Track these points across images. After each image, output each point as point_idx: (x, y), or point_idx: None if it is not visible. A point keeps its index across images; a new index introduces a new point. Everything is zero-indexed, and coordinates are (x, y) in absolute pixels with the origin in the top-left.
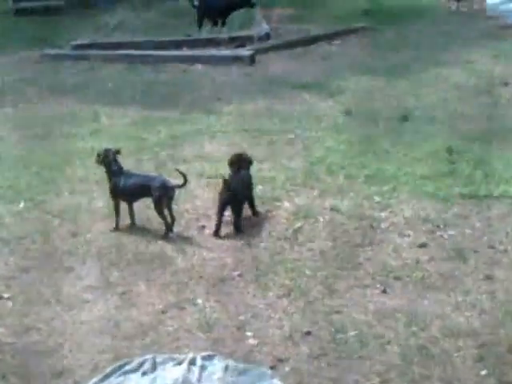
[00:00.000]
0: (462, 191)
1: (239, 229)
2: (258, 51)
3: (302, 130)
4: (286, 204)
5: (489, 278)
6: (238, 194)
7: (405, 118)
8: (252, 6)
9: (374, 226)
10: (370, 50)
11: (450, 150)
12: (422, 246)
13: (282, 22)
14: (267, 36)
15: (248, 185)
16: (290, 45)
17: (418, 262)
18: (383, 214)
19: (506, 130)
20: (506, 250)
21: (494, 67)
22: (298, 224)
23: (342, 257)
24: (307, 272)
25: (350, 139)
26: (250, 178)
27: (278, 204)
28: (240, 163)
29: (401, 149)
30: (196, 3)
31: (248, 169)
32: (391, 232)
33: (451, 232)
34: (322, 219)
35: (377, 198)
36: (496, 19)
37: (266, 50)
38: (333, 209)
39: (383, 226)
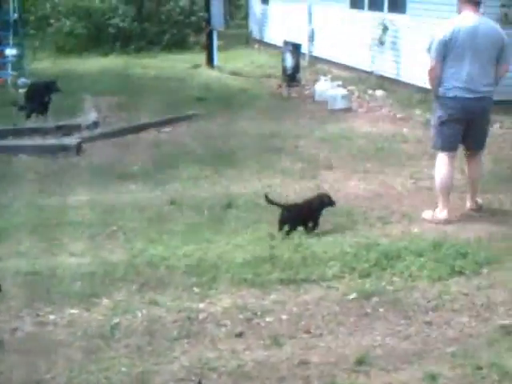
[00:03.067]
0: (280, 276)
1: None
2: (85, 140)
3: (125, 222)
4: (105, 300)
5: (304, 363)
6: None
7: (229, 206)
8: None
9: (192, 318)
10: (199, 138)
11: (271, 236)
12: (239, 335)
13: (112, 109)
14: (95, 124)
15: None
16: (119, 133)
17: (233, 351)
18: (201, 305)
19: (326, 212)
20: (321, 334)
21: (320, 151)
22: (116, 320)
23: (158, 352)
24: (123, 369)
25: (173, 229)
26: None
27: (96, 301)
28: None
29: (223, 237)
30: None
31: None
32: (208, 323)
33: (268, 319)
34: (140, 314)
35: (196, 289)
36: (324, 104)
37: (94, 139)
38: (151, 302)
39: (201, 317)
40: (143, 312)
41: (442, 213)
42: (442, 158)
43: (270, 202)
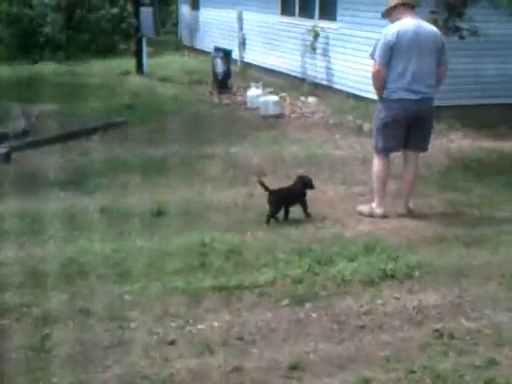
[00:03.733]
0: (212, 284)
1: None
2: (14, 149)
3: (55, 230)
4: (35, 309)
5: (237, 370)
6: None
7: (159, 213)
8: None
9: (124, 326)
10: (129, 145)
11: (202, 243)
12: (171, 343)
13: (41, 117)
14: (25, 132)
15: None
16: (49, 141)
17: (166, 359)
18: (133, 314)
19: (258, 218)
20: (254, 341)
21: (252, 158)
22: (47, 330)
23: (90, 361)
24: (54, 380)
25: (104, 237)
26: None
27: (26, 310)
28: None
29: (154, 244)
30: None
31: None
32: (141, 331)
33: (200, 326)
34: (71, 323)
35: (127, 297)
36: (256, 110)
37: (23, 148)
38: (83, 311)
39: (133, 325)
40: (74, 321)
41: (379, 208)
42: (380, 158)
43: (260, 183)
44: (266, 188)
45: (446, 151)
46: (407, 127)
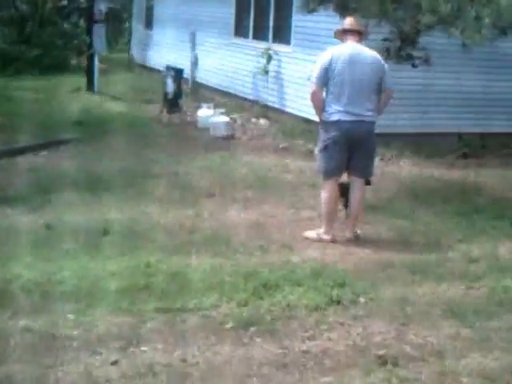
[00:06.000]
0: (156, 305)
1: None
2: None
3: (0, 246)
4: None
5: None
6: None
7: (105, 232)
8: None
9: (66, 345)
10: (76, 163)
11: (147, 264)
12: (114, 363)
13: None
14: None
15: None
16: None
17: (108, 380)
18: (76, 333)
19: (205, 240)
20: (197, 363)
21: (200, 179)
22: None
23: (31, 379)
24: None
25: (49, 255)
26: None
27: None
28: None
29: (99, 263)
30: None
31: None
32: (83, 350)
33: (144, 348)
34: (13, 341)
35: (71, 316)
36: (206, 131)
37: None
38: (25, 329)
39: (76, 344)
40: (17, 339)
41: (326, 234)
42: (327, 183)
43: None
44: None
45: (395, 178)
46: (349, 151)
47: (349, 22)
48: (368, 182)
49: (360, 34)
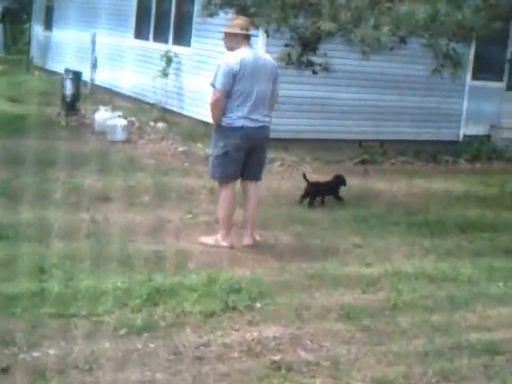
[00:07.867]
0: (49, 311)
1: None
2: None
3: None
4: None
5: None
6: None
7: None
8: None
9: None
10: None
11: (41, 269)
12: (5, 370)
13: None
14: None
15: None
16: None
17: None
18: None
19: (99, 246)
20: (91, 369)
21: (96, 182)
22: None
23: None
24: None
25: None
26: None
27: None
28: None
29: None
30: None
31: None
32: None
33: (35, 354)
34: None
35: None
36: (103, 134)
37: None
38: None
39: None
40: None
41: (224, 239)
42: (225, 188)
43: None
44: (307, 180)
45: (294, 183)
46: (246, 155)
47: (244, 25)
48: (339, 198)
49: (249, 38)
